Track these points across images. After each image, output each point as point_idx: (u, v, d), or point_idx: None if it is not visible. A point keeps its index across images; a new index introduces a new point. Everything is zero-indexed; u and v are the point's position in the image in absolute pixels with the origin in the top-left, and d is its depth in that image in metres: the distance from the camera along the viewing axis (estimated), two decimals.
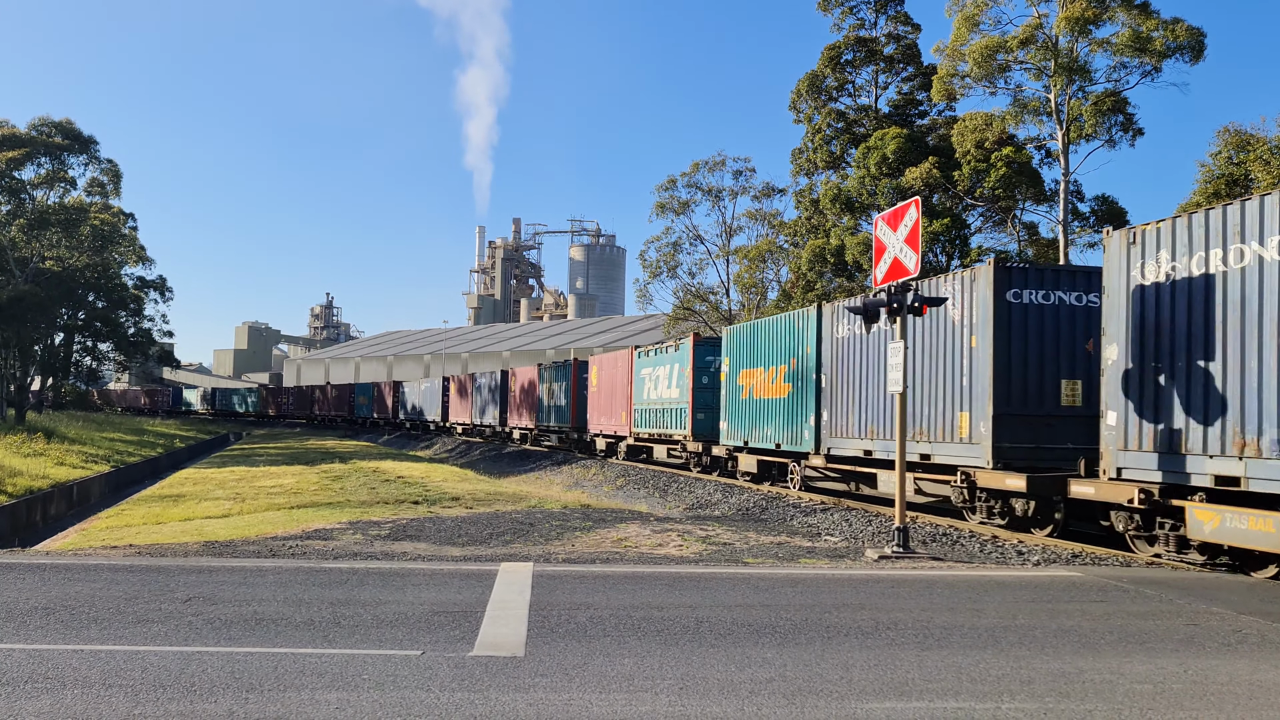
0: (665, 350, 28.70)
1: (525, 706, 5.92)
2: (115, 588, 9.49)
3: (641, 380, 30.38)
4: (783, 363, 21.22)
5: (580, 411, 36.55)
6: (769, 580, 10.46)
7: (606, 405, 33.46)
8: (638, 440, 30.84)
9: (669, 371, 27.91)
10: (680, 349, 27.26)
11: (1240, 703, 6.24)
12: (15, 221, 47.94)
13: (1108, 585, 10.43)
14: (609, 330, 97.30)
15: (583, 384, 36.52)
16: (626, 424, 31.30)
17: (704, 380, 25.98)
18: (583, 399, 36.49)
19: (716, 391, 25.29)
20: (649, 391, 29.57)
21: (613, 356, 33.75)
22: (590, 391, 35.50)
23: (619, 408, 32.11)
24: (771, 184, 50.13)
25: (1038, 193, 36.20)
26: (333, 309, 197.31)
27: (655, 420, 29.03)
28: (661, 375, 28.53)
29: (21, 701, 5.91)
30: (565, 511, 17.77)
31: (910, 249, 13.00)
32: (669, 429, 27.73)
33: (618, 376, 32.50)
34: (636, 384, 30.72)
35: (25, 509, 25.60)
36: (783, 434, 21.12)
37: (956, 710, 5.99)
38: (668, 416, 27.93)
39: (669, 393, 27.75)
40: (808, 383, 20.12)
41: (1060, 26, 33.02)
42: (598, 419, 34.45)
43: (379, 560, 11.70)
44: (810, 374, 19.96)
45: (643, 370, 30.25)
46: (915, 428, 16.32)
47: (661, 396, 28.40)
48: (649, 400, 29.53)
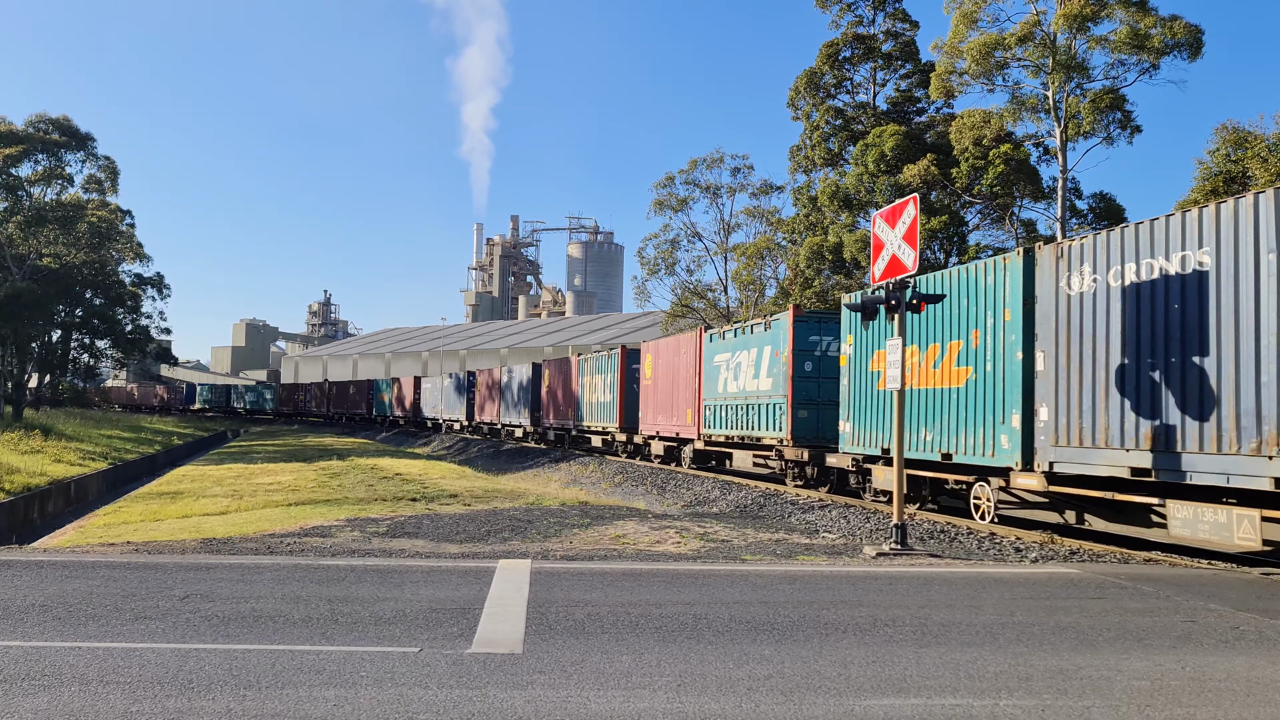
0: (749, 331, 23.61)
1: (523, 703, 5.92)
2: (113, 585, 9.47)
3: (714, 370, 25.37)
4: (955, 337, 15.76)
5: (630, 409, 31.82)
6: (767, 577, 10.46)
7: (665, 401, 28.64)
8: (709, 444, 25.95)
9: (754, 357, 22.92)
10: (773, 328, 22.15)
11: (1238, 699, 6.25)
12: (12, 219, 47.90)
13: (1105, 582, 10.44)
14: (607, 327, 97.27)
15: (633, 376, 31.85)
16: (693, 424, 26.50)
17: (807, 367, 21.08)
18: (633, 394, 31.78)
19: (826, 381, 20.74)
20: (725, 383, 24.58)
21: (673, 341, 28.96)
22: (643, 385, 30.63)
23: (682, 404, 27.36)
24: (770, 181, 50.12)
25: (1036, 190, 36.21)
26: (330, 306, 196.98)
27: (734, 419, 23.97)
28: (744, 362, 23.49)
29: (19, 699, 5.90)
30: (563, 509, 17.77)
31: (908, 246, 13.00)
32: (755, 430, 22.67)
33: (680, 366, 27.72)
34: (708, 374, 25.80)
35: (23, 506, 25.58)
36: (955, 438, 15.66)
37: (954, 707, 5.99)
38: (753, 414, 22.85)
39: (756, 384, 22.70)
40: (1005, 364, 14.58)
41: (1058, 24, 33.01)
42: (653, 418, 29.65)
43: (377, 557, 11.70)
44: (1011, 351, 14.45)
45: (716, 356, 25.26)
46: None
47: (744, 389, 23.32)
48: (726, 394, 24.46)
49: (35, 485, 27.54)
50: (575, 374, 36.95)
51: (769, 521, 17.07)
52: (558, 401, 39.23)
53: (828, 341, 21.13)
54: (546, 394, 40.80)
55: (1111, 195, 36.85)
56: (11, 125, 48.56)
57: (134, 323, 61.69)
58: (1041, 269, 14.11)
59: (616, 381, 32.45)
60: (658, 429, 29.19)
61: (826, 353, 21.07)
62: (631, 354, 32.31)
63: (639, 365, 31.45)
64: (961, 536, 14.59)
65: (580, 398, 36.29)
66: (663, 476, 26.05)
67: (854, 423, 18.76)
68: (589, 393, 35.41)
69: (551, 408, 40.05)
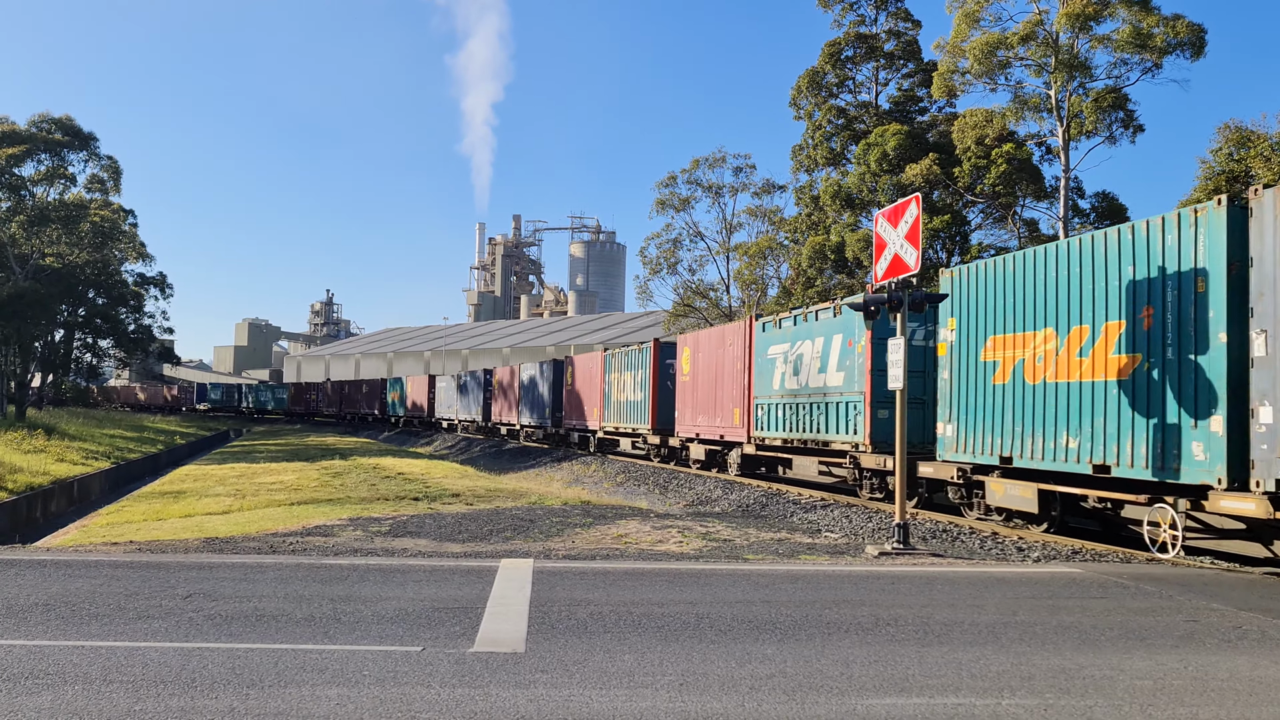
0: (813, 318, 20.73)
1: (526, 702, 5.92)
2: (116, 584, 9.49)
3: (768, 364, 22.42)
4: (1114, 317, 12.71)
5: (664, 409, 29.10)
6: (769, 577, 10.46)
7: (707, 399, 25.86)
8: (761, 448, 23.07)
9: (820, 348, 20.06)
10: (845, 313, 19.11)
11: (1240, 699, 6.24)
12: (15, 218, 47.92)
13: (1108, 581, 10.43)
14: (609, 327, 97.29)
15: (666, 372, 29.28)
16: (741, 425, 23.58)
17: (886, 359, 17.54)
18: (667, 393, 29.14)
19: (911, 375, 17.32)
20: (782, 378, 21.63)
21: (716, 333, 26.16)
22: (680, 382, 27.90)
23: (727, 402, 24.64)
24: (772, 180, 50.14)
25: (1038, 189, 36.18)
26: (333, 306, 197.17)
27: (794, 420, 21.00)
28: (807, 354, 20.75)
29: (23, 697, 5.91)
30: (565, 508, 17.78)
31: (911, 245, 12.99)
32: (822, 432, 19.85)
33: (725, 360, 24.94)
34: (759, 369, 22.89)
35: (26, 505, 25.62)
36: (1114, 446, 12.63)
37: (957, 706, 5.99)
38: (819, 414, 19.96)
39: (823, 379, 19.89)
40: (1197, 348, 11.52)
41: (1061, 23, 32.99)
42: (692, 418, 26.84)
43: (379, 556, 11.71)
44: (1208, 331, 11.37)
45: (771, 349, 22.33)
46: None
47: (807, 385, 20.53)
48: (783, 391, 21.56)
49: (38, 485, 27.58)
50: (601, 371, 34.07)
51: (771, 521, 17.07)
52: (581, 401, 36.48)
53: (913, 328, 18.09)
54: (569, 393, 38.10)
55: (1114, 195, 36.86)
56: (14, 125, 48.59)
57: (137, 322, 61.76)
58: (1261, 220, 10.76)
59: (648, 379, 29.62)
60: (697, 430, 26.38)
61: (912, 341, 17.81)
62: (666, 348, 29.54)
63: (675, 360, 28.79)
64: (964, 536, 14.59)
65: (608, 397, 33.46)
66: (665, 476, 26.04)
67: (959, 424, 15.60)
68: (617, 391, 32.58)
69: (574, 408, 37.34)
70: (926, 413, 17.58)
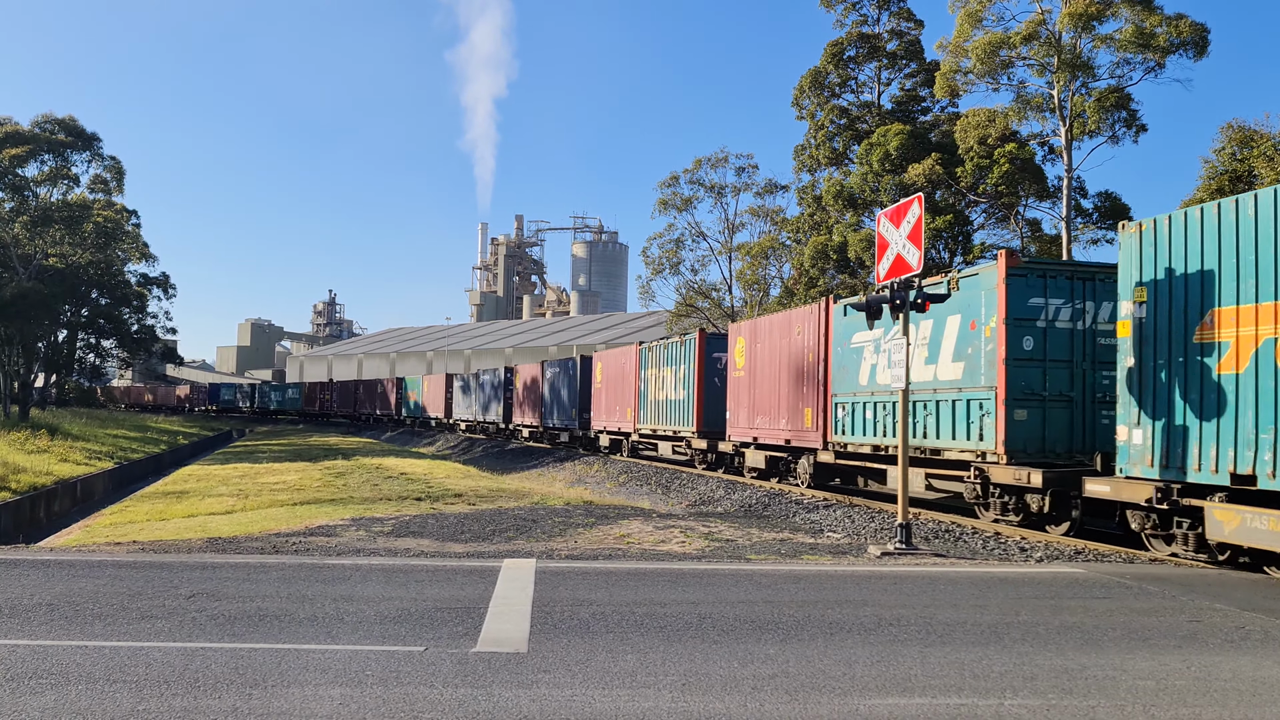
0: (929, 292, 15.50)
1: (528, 702, 5.93)
2: (119, 584, 9.50)
3: (851, 354, 18.87)
4: None
5: (712, 409, 25.87)
6: (771, 577, 10.46)
7: (767, 398, 22.40)
8: (842, 455, 19.45)
9: (925, 333, 16.51)
10: (965, 288, 15.46)
11: (1243, 699, 6.24)
12: (19, 218, 48.02)
13: (1111, 582, 10.42)
14: (612, 327, 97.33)
15: (713, 367, 26.29)
16: (814, 428, 20.05)
17: (1026, 345, 14.48)
18: (715, 391, 25.97)
19: (1054, 367, 14.57)
20: (873, 372, 18.14)
21: (782, 319, 22.28)
22: (733, 377, 24.54)
23: (793, 401, 21.09)
24: (774, 180, 50.22)
25: (1041, 189, 36.20)
26: (335, 306, 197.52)
27: (888, 423, 17.61)
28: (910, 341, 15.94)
29: (26, 697, 5.92)
30: (568, 508, 17.78)
31: (913, 245, 12.99)
32: (931, 438, 16.33)
33: (791, 350, 21.31)
34: (840, 360, 19.28)
35: (29, 505, 25.66)
36: None
37: (959, 706, 5.99)
38: (923, 415, 16.57)
39: (932, 371, 16.34)
40: None
41: (1063, 22, 32.99)
42: (748, 419, 23.36)
43: (382, 557, 11.72)
44: None
45: (855, 336, 18.72)
46: None
47: (914, 379, 16.38)
48: (873, 387, 18.05)
49: (41, 485, 27.62)
50: (635, 367, 30.94)
51: (774, 521, 17.07)
52: (612, 401, 33.24)
53: (1057, 306, 14.69)
54: (597, 392, 34.94)
55: (1117, 194, 36.89)
56: (18, 125, 48.70)
57: (140, 322, 61.93)
58: None
59: (692, 374, 26.56)
60: (755, 434, 23.01)
61: (1055, 322, 14.67)
62: (713, 340, 26.66)
63: (725, 354, 25.67)
64: (966, 536, 14.58)
65: (643, 396, 30.35)
66: (667, 476, 26.04)
67: (1156, 429, 11.95)
68: (654, 389, 29.41)
69: (604, 408, 34.11)
70: (1075, 413, 14.65)
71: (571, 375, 37.38)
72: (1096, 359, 14.74)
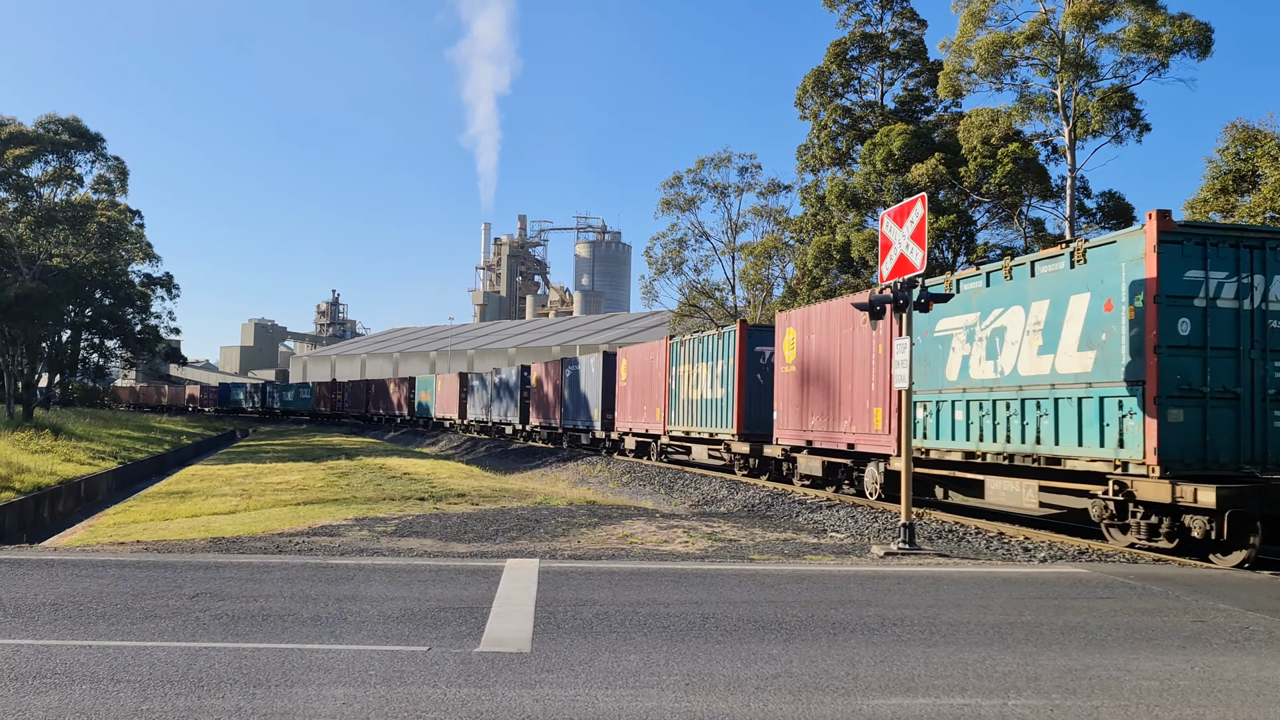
0: (1026, 273, 14.34)
1: (532, 702, 5.93)
2: (123, 584, 9.52)
3: (936, 344, 16.22)
4: None
5: (756, 409, 23.64)
6: (775, 577, 10.46)
7: (822, 396, 19.87)
8: (920, 461, 16.44)
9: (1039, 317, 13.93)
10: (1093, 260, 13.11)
11: (1247, 699, 6.23)
12: (23, 219, 48.09)
13: (1114, 582, 10.41)
14: (615, 327, 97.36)
15: (756, 362, 23.81)
16: (886, 430, 17.38)
17: (1182, 329, 12.17)
18: (759, 388, 23.72)
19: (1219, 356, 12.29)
20: (964, 365, 15.53)
21: (840, 306, 19.73)
22: (782, 373, 21.93)
23: (859, 399, 18.45)
24: (777, 180, 50.19)
25: (1044, 189, 36.15)
26: (339, 306, 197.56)
27: (986, 425, 14.98)
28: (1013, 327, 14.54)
29: (30, 697, 5.93)
30: (571, 508, 17.79)
31: (916, 245, 12.98)
32: (1045, 444, 13.80)
33: (855, 343, 18.79)
34: (921, 352, 16.21)
35: (33, 505, 25.70)
36: None
37: (963, 706, 5.99)
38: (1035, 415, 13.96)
39: (1046, 363, 13.79)
40: None
41: (1067, 22, 32.94)
42: (800, 420, 20.91)
43: (385, 556, 11.73)
44: None
45: (941, 324, 16.15)
46: None
47: (1014, 372, 14.35)
48: (965, 381, 15.46)
49: (45, 484, 27.67)
50: (665, 363, 28.71)
51: (777, 521, 17.06)
52: (639, 401, 31.05)
53: (1219, 281, 12.29)
54: (622, 391, 32.80)
55: (1120, 194, 36.79)
56: (21, 126, 48.74)
57: (143, 323, 61.95)
58: None
59: (732, 370, 24.22)
60: (809, 437, 20.47)
61: (1216, 300, 12.27)
62: (757, 332, 24.23)
63: (771, 347, 23.24)
64: (969, 536, 14.56)
65: (674, 394, 28.12)
66: (670, 476, 26.03)
67: None
68: (687, 387, 27.13)
69: (629, 408, 31.91)
70: (1242, 413, 12.23)
71: (593, 373, 35.16)
72: (1268, 346, 12.40)
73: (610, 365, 34.13)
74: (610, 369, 34.09)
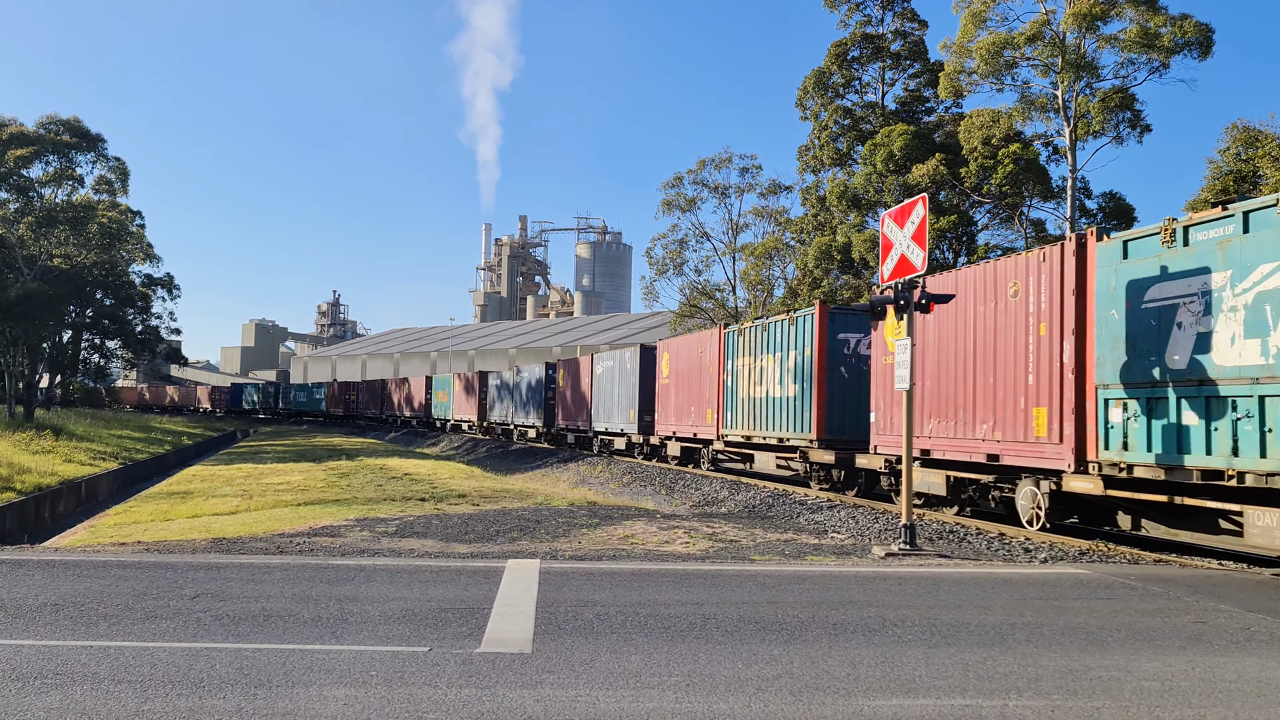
0: None
1: (533, 703, 5.93)
2: (124, 584, 9.52)
3: (1144, 319, 12.21)
4: None
5: (839, 409, 19.97)
6: (775, 577, 10.46)
7: (948, 394, 16.16)
8: (1115, 481, 12.78)
9: None
10: None
11: (1249, 700, 6.23)
12: (24, 219, 48.14)
13: (1115, 582, 10.41)
14: (616, 328, 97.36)
15: (838, 353, 20.13)
16: (1054, 438, 13.68)
17: None
18: (842, 385, 20.05)
19: None
20: (1196, 346, 11.47)
21: (984, 273, 15.50)
22: (879, 365, 18.33)
23: (1013, 397, 14.56)
24: (778, 181, 50.23)
25: (1045, 189, 36.15)
26: (339, 307, 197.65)
27: (1227, 431, 11.03)
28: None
29: (31, 697, 5.93)
30: (572, 509, 17.79)
31: (917, 246, 12.97)
32: None
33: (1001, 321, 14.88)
34: (1121, 328, 12.55)
35: (34, 506, 25.72)
36: None
37: (964, 707, 5.99)
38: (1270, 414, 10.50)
39: None
40: None
41: (1068, 23, 32.95)
42: (920, 422, 16.52)
43: (386, 557, 11.73)
44: None
45: (1154, 290, 12.15)
46: None
47: None
48: (1199, 370, 11.40)
49: (46, 485, 27.68)
50: (720, 356, 24.94)
51: (777, 522, 17.06)
52: (684, 400, 27.36)
53: None
54: (664, 390, 29.15)
55: (1121, 195, 36.79)
56: (23, 127, 48.78)
57: (144, 323, 61.99)
58: None
59: (808, 363, 20.36)
60: (931, 444, 16.52)
61: None
62: (840, 316, 20.30)
63: (857, 334, 20.05)
64: (970, 537, 14.56)
65: (730, 392, 24.23)
66: (671, 476, 26.03)
67: None
68: (748, 384, 23.28)
69: (672, 409, 28.22)
70: None
71: (627, 369, 31.49)
72: None
73: (650, 360, 30.36)
74: (650, 363, 30.28)
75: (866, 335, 19.64)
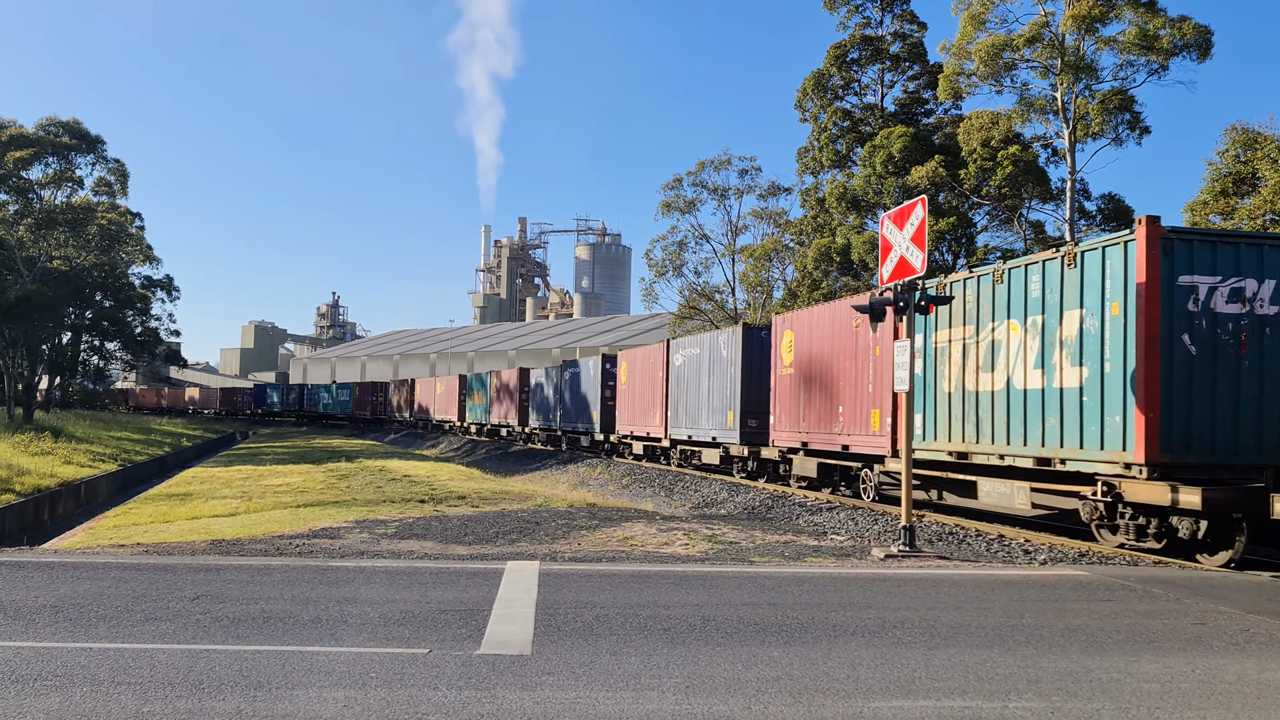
0: None
1: (532, 705, 5.93)
2: (123, 586, 9.52)
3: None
4: None
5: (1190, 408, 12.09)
6: (775, 579, 10.46)
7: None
8: None
9: None
10: None
11: (1248, 702, 6.23)
12: (23, 221, 48.14)
13: (1115, 584, 10.41)
14: (615, 329, 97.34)
15: (1181, 308, 11.73)
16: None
17: None
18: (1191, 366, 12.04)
19: None
20: None
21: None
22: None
23: None
24: (777, 183, 50.10)
25: (1044, 191, 36.15)
26: (339, 308, 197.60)
27: None
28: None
29: (31, 699, 5.93)
30: (571, 510, 17.78)
31: (917, 247, 12.98)
32: None
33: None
34: None
35: (33, 507, 25.70)
36: None
37: (963, 709, 5.99)
38: None
39: None
40: None
41: (1067, 24, 32.95)
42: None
43: (385, 559, 11.73)
44: None
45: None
46: None
47: None
48: None
49: (46, 487, 27.67)
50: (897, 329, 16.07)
51: (777, 523, 17.05)
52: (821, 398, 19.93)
53: None
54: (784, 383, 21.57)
55: (1120, 196, 36.76)
56: (22, 129, 48.78)
57: (144, 325, 62.02)
58: None
59: (1114, 327, 12.41)
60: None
61: None
62: (1178, 248, 12.10)
63: (1231, 280, 12.18)
64: (970, 538, 14.56)
65: (928, 384, 16.31)
66: (671, 478, 26.02)
67: None
68: (960, 370, 15.55)
69: (802, 410, 20.62)
70: None
71: (724, 358, 24.41)
72: None
73: (756, 344, 23.05)
74: (757, 349, 23.09)
75: (1241, 279, 12.31)
